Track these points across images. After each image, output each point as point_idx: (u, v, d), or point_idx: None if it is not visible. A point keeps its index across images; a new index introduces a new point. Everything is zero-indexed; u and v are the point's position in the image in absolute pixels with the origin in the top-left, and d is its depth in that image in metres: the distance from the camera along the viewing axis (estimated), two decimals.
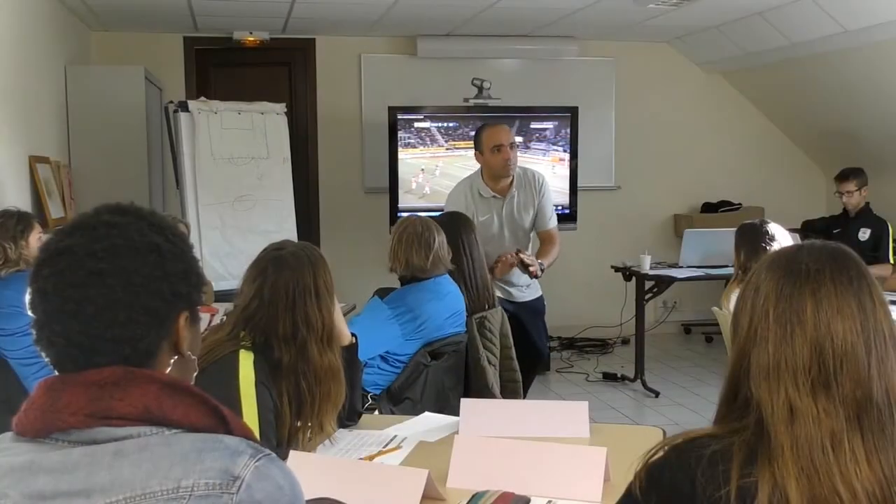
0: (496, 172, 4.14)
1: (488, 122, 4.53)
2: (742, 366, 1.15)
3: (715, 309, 3.83)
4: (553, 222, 4.32)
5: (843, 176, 5.31)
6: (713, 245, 5.22)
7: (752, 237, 3.56)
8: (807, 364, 1.10)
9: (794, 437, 1.08)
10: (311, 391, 1.96)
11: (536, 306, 4.33)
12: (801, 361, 1.10)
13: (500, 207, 4.20)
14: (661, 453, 1.16)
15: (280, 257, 2.01)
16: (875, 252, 5.12)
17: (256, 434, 1.28)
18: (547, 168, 6.12)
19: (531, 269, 4.04)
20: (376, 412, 2.82)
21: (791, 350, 1.11)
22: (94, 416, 0.94)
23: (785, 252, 1.20)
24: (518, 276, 4.15)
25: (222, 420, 0.98)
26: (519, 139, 6.12)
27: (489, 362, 3.26)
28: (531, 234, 4.34)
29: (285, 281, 1.98)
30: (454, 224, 3.45)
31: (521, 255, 4.02)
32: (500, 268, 4.01)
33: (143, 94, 5.45)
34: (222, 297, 3.97)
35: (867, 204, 5.33)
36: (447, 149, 5.71)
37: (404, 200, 5.94)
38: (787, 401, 1.09)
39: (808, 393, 1.09)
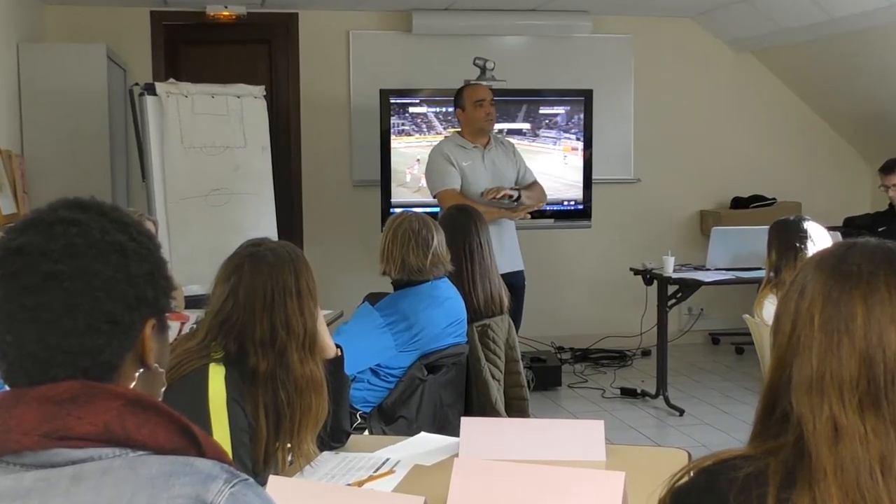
0: (478, 125, 4.78)
1: (469, 83, 5.22)
2: (782, 376, 1.15)
3: (746, 317, 3.83)
4: (532, 175, 5.02)
5: (889, 168, 5.32)
6: (744, 245, 5.22)
7: (784, 235, 3.56)
8: (854, 378, 1.09)
9: (838, 458, 1.07)
10: (290, 403, 1.96)
11: (514, 282, 4.43)
12: (849, 374, 1.09)
13: (482, 156, 4.79)
14: (688, 477, 1.16)
15: (257, 254, 2.01)
16: None
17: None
18: (558, 158, 6.12)
19: (510, 196, 4.69)
20: (366, 432, 2.83)
21: (837, 361, 1.10)
22: (50, 436, 0.93)
23: (835, 251, 1.19)
24: (500, 239, 4.55)
25: (193, 440, 0.98)
26: (526, 126, 6.13)
27: (493, 376, 3.26)
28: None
29: (263, 280, 1.98)
30: (460, 221, 3.46)
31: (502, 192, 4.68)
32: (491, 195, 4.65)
33: (105, 76, 5.44)
34: (193, 302, 3.96)
35: None
36: (446, 136, 5.70)
37: (398, 195, 5.94)
38: (832, 418, 1.09)
39: (855, 410, 1.09)
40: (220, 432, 1.85)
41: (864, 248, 1.17)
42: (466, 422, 2.29)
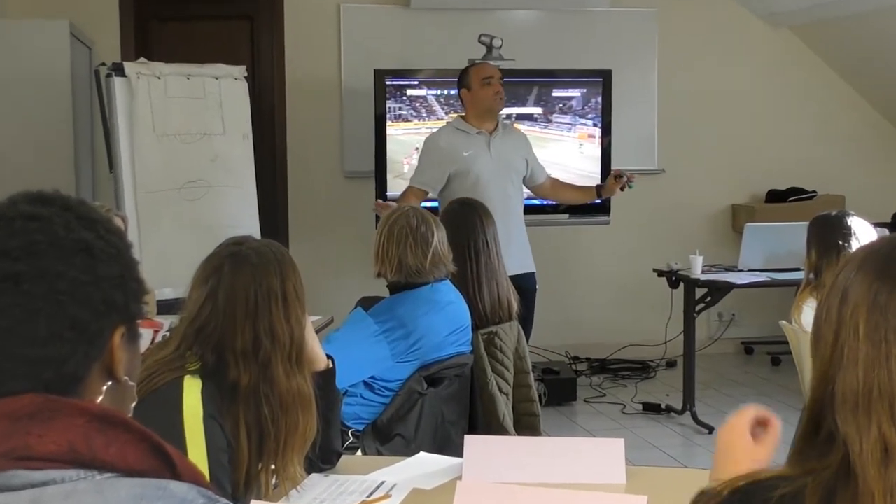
0: (486, 105, 4.76)
1: (474, 62, 5.28)
2: (826, 391, 1.15)
3: (783, 323, 3.83)
4: (544, 172, 5.07)
5: None
6: (781, 243, 5.22)
7: (826, 232, 3.57)
8: None
9: (888, 483, 1.07)
10: (274, 421, 1.96)
11: (526, 286, 4.45)
12: None
13: (487, 143, 4.75)
14: (719, 498, 1.16)
15: (239, 254, 2.02)
16: None
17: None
18: (573, 146, 6.12)
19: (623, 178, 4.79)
20: (359, 452, 2.83)
21: (886, 375, 1.10)
22: (8, 456, 0.94)
23: (880, 249, 1.19)
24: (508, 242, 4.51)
25: (167, 461, 0.98)
26: (538, 111, 6.13)
27: (500, 390, 3.27)
28: (523, 188, 4.97)
29: (245, 283, 1.98)
30: (463, 216, 3.46)
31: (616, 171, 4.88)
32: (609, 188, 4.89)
33: (68, 55, 5.45)
34: (167, 308, 3.98)
35: None
36: (447, 122, 5.70)
37: (394, 187, 5.93)
38: (881, 438, 1.09)
39: None
40: (196, 452, 1.85)
41: None
42: (471, 440, 2.29)
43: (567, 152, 6.07)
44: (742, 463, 1.39)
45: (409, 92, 6.04)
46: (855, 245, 3.47)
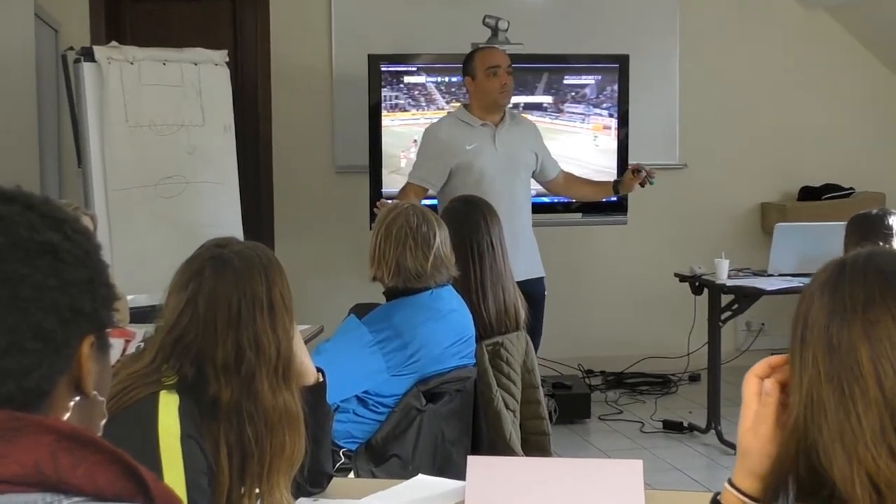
0: (490, 98, 4.77)
1: (479, 47, 5.26)
2: (803, 438, 1.18)
3: None
4: (556, 167, 5.09)
5: None
6: (815, 245, 5.21)
7: (864, 233, 3.57)
8: (877, 431, 1.12)
9: None
10: (258, 442, 1.96)
11: (534, 292, 4.45)
12: (871, 430, 1.12)
13: (492, 136, 4.76)
14: None
15: (221, 257, 2.02)
16: None
17: None
18: (587, 139, 6.12)
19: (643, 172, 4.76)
20: (351, 474, 2.83)
21: (856, 419, 1.13)
22: None
23: (827, 280, 1.21)
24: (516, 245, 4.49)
25: (140, 484, 0.98)
26: (548, 100, 6.13)
27: (506, 406, 3.27)
28: (531, 185, 4.99)
29: (228, 288, 1.98)
30: (465, 214, 3.46)
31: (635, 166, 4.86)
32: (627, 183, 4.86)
33: (32, 38, 5.45)
34: (141, 316, 3.98)
35: None
36: (449, 112, 5.71)
37: (390, 183, 5.93)
38: (868, 479, 1.11)
39: (888, 463, 1.11)
40: (173, 474, 1.85)
41: (855, 267, 1.19)
42: (474, 462, 2.29)
43: (580, 145, 6.07)
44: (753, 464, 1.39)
45: (407, 79, 6.04)
46: None
